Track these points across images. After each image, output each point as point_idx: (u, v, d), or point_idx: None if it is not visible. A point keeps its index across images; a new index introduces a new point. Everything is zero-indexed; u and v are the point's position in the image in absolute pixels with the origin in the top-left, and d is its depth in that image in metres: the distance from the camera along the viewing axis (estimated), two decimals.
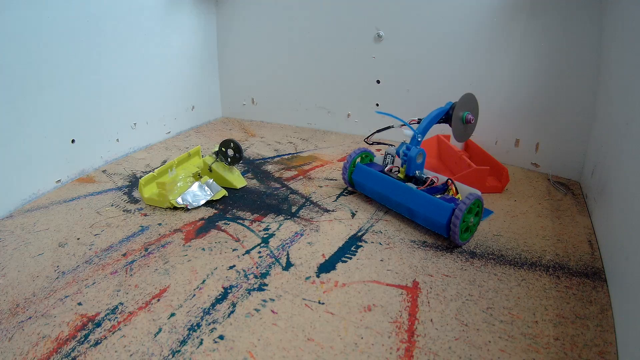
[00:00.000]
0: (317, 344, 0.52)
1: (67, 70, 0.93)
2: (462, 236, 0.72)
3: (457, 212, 0.69)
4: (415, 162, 0.80)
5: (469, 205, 0.69)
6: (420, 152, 0.80)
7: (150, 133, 1.22)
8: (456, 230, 0.69)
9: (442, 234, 0.73)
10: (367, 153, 0.93)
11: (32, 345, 0.52)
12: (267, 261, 0.68)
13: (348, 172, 0.90)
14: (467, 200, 0.69)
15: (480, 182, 0.91)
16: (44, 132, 0.90)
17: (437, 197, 0.74)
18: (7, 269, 0.66)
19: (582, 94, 0.97)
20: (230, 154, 0.93)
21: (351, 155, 0.90)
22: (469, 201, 0.69)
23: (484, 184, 0.92)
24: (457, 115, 0.82)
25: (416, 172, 0.81)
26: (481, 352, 0.51)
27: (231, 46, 1.42)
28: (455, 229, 0.69)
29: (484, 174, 0.91)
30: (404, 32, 1.17)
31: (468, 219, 0.71)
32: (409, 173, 0.81)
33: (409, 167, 0.80)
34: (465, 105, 0.82)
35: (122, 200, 0.88)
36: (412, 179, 0.81)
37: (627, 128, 0.69)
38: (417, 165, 0.80)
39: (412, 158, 0.79)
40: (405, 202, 0.77)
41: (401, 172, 0.82)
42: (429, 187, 0.79)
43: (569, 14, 0.95)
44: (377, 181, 0.84)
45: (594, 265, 0.68)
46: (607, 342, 0.53)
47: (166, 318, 0.56)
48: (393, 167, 0.85)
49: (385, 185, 0.82)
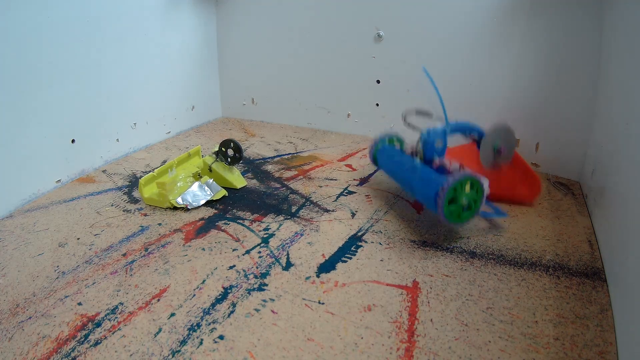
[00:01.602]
0: (317, 344, 0.52)
1: (67, 70, 0.93)
2: (451, 217, 0.69)
3: (445, 184, 0.67)
4: (433, 146, 0.79)
5: (458, 179, 0.67)
6: (440, 139, 0.79)
7: (150, 133, 1.22)
8: (440, 202, 0.67)
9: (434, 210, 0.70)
10: (398, 138, 0.94)
11: (32, 345, 0.52)
12: (267, 261, 0.68)
13: (374, 150, 0.92)
14: (458, 175, 0.67)
15: (509, 187, 0.87)
16: (44, 132, 0.90)
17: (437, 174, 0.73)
18: (7, 269, 0.66)
19: (582, 94, 0.97)
20: (230, 154, 0.93)
21: (380, 135, 0.93)
22: (459, 175, 0.67)
23: (513, 190, 0.88)
24: (488, 143, 0.82)
25: (434, 157, 0.80)
26: (481, 352, 0.51)
27: (231, 46, 1.42)
28: (440, 201, 0.67)
29: (514, 178, 0.87)
30: (404, 32, 1.17)
31: (460, 196, 0.68)
32: (425, 156, 0.80)
33: (425, 150, 0.80)
34: (498, 136, 0.82)
35: (122, 200, 0.88)
36: (429, 163, 0.81)
37: (627, 128, 0.69)
38: (436, 150, 0.80)
39: (430, 142, 0.79)
40: (409, 177, 0.77)
41: (419, 156, 0.82)
42: (438, 168, 0.78)
43: (569, 14, 0.95)
44: (393, 158, 0.85)
45: (594, 265, 0.68)
46: (607, 342, 0.53)
47: (166, 318, 0.56)
48: (414, 150, 0.84)
49: (398, 162, 0.83)
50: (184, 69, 1.32)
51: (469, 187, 0.69)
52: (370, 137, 1.29)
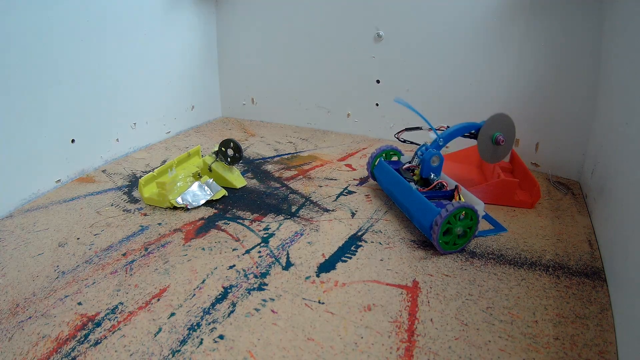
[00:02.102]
0: (317, 344, 0.52)
1: (67, 70, 0.93)
2: (447, 246, 0.69)
3: (438, 217, 0.66)
4: (430, 165, 0.79)
5: (451, 212, 0.66)
6: (436, 155, 0.79)
7: (150, 133, 1.22)
8: (435, 236, 0.67)
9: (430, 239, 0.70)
10: (394, 151, 0.94)
11: (32, 345, 0.52)
12: (267, 261, 0.68)
13: (371, 166, 0.93)
14: (451, 208, 0.66)
15: (508, 195, 0.86)
16: (44, 132, 0.90)
17: (433, 201, 0.72)
18: (7, 269, 0.66)
19: (582, 94, 0.97)
20: (230, 154, 0.93)
21: (376, 150, 0.92)
22: (452, 208, 0.66)
23: (512, 197, 0.87)
24: (486, 133, 0.80)
25: (430, 175, 0.80)
26: (481, 351, 0.51)
27: (231, 46, 1.42)
28: (434, 235, 0.67)
29: (513, 187, 0.86)
30: (404, 32, 1.17)
31: (454, 227, 0.68)
32: (422, 174, 0.80)
33: (422, 168, 0.80)
34: (496, 126, 0.81)
35: (122, 200, 0.88)
36: (425, 181, 0.81)
37: (626, 128, 0.69)
38: (432, 168, 0.80)
39: (427, 160, 0.79)
40: (405, 201, 0.77)
41: (415, 174, 0.82)
42: (434, 191, 0.78)
43: (569, 14, 0.95)
44: (389, 178, 0.84)
45: (594, 265, 0.68)
46: (607, 341, 0.53)
47: (166, 318, 0.56)
48: (411, 166, 0.84)
49: (394, 182, 0.82)
50: (184, 69, 1.32)
51: (464, 215, 0.68)
52: (370, 137, 1.30)
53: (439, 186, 0.79)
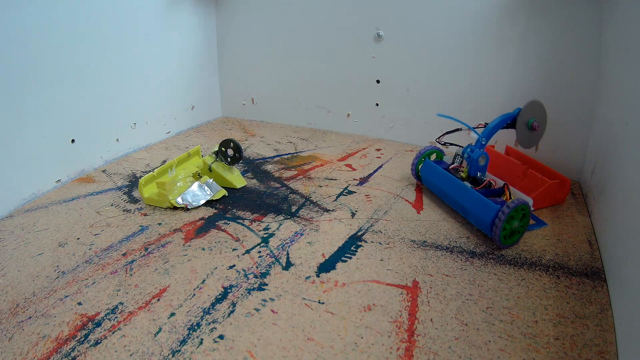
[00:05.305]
0: (317, 344, 0.52)
1: (67, 70, 0.93)
2: (506, 241, 0.72)
3: (501, 214, 0.69)
4: (477, 164, 0.82)
5: (512, 209, 0.69)
6: (482, 155, 0.82)
7: (150, 133, 1.22)
8: (497, 231, 0.70)
9: (488, 234, 0.73)
10: (437, 151, 0.97)
11: (32, 345, 0.52)
12: (267, 261, 0.68)
13: (416, 166, 0.95)
14: (512, 204, 0.69)
15: (552, 196, 0.88)
16: (44, 132, 0.90)
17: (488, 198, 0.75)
18: (7, 269, 0.66)
19: (582, 94, 0.97)
20: (230, 154, 0.93)
21: (421, 151, 0.95)
22: (513, 205, 0.69)
23: (554, 197, 0.89)
24: (523, 120, 0.83)
25: (477, 174, 0.83)
26: (481, 351, 0.51)
27: (231, 46, 1.42)
28: (496, 230, 0.70)
29: (556, 188, 0.88)
30: (404, 32, 1.17)
31: (512, 223, 0.71)
32: (470, 173, 0.84)
33: (470, 168, 0.83)
34: (531, 112, 0.83)
35: (122, 200, 0.88)
36: (473, 180, 0.84)
37: (626, 128, 0.69)
38: (479, 167, 0.83)
39: (475, 160, 0.82)
40: (461, 199, 0.80)
41: (464, 172, 0.85)
42: (485, 189, 0.81)
43: (569, 14, 0.95)
44: (439, 177, 0.87)
45: (594, 265, 0.68)
46: (607, 341, 0.53)
47: (166, 318, 0.56)
48: (458, 167, 0.88)
49: (446, 182, 0.85)
50: (184, 69, 1.32)
51: (520, 215, 0.72)
52: (370, 137, 1.30)
53: (488, 184, 0.82)
